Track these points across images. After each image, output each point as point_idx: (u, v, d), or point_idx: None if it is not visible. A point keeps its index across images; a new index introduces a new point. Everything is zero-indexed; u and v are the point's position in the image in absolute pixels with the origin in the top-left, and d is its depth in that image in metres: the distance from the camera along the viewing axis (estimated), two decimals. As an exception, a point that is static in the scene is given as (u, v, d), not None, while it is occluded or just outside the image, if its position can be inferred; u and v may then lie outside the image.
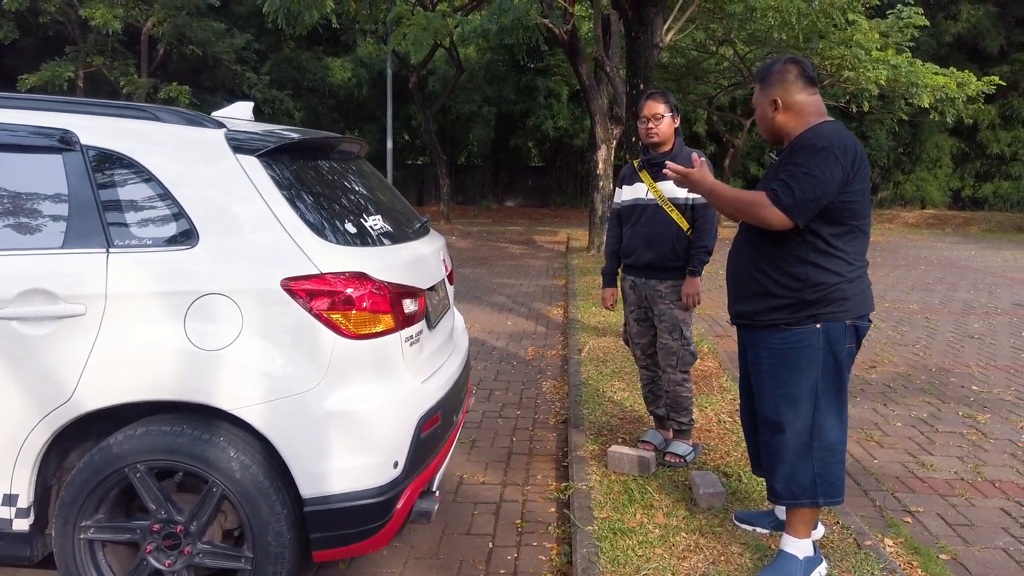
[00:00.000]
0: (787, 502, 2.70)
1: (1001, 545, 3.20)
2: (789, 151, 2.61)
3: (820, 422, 2.64)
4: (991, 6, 22.37)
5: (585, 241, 14.50)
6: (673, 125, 3.73)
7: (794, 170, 2.52)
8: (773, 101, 2.68)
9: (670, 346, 3.73)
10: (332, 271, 2.39)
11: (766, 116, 2.73)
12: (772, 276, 2.65)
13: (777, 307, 2.65)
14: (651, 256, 3.71)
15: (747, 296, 2.75)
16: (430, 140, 21.33)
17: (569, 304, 8.49)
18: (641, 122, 3.75)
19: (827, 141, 2.53)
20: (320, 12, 10.40)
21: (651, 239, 3.71)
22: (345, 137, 3.06)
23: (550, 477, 3.92)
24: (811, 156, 2.51)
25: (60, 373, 2.33)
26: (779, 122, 2.69)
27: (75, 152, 2.44)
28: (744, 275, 2.76)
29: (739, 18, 13.33)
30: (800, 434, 2.64)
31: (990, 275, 11.93)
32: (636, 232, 3.78)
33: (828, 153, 2.50)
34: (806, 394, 2.63)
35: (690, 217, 3.68)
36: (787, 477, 2.67)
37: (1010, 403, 5.17)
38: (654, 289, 3.74)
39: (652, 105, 3.70)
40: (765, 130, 2.78)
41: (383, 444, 2.43)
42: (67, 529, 2.39)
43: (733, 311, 2.86)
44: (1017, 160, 23.71)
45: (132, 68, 20.11)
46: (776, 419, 2.68)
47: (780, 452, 2.68)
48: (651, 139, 3.72)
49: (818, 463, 2.64)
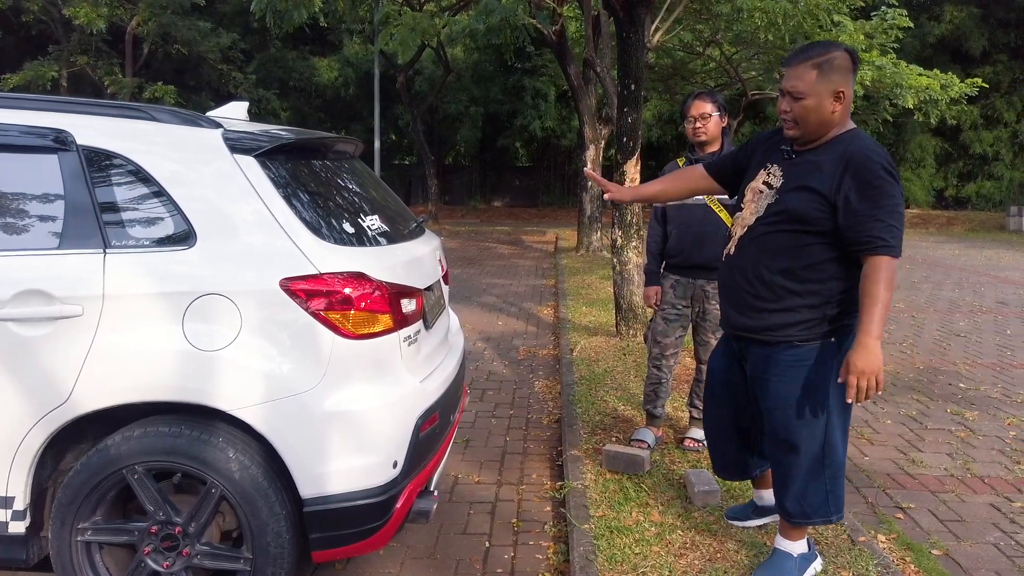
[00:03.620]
0: (799, 521, 2.63)
1: (992, 540, 3.24)
2: (853, 169, 2.37)
3: (832, 439, 2.54)
4: (974, 7, 22.60)
5: (573, 241, 14.52)
6: (721, 124, 3.77)
7: (887, 205, 2.33)
8: (838, 92, 2.41)
9: (712, 344, 3.80)
10: (331, 271, 2.38)
11: (823, 109, 2.42)
12: (793, 291, 2.48)
13: (794, 323, 2.49)
14: (701, 256, 3.77)
15: (758, 310, 2.55)
16: (418, 140, 21.31)
17: (560, 304, 8.51)
18: (688, 122, 3.79)
19: (889, 160, 2.38)
20: (308, 11, 10.33)
21: (700, 239, 3.76)
22: (340, 137, 3.06)
23: (545, 476, 3.93)
24: (891, 183, 2.35)
25: (57, 374, 2.31)
26: (836, 118, 2.44)
27: (71, 152, 2.42)
28: (758, 288, 2.54)
29: (726, 19, 13.38)
30: (814, 453, 2.54)
31: (974, 274, 12.06)
32: (684, 233, 3.83)
33: (897, 174, 2.37)
34: (820, 412, 2.51)
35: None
36: (799, 496, 2.59)
37: (997, 400, 5.23)
38: (702, 289, 3.82)
39: (700, 105, 3.74)
40: (814, 123, 2.45)
41: (382, 444, 2.43)
42: (64, 531, 2.38)
43: (736, 324, 2.66)
44: (999, 160, 23.98)
45: (117, 67, 19.96)
46: (788, 439, 2.56)
47: (793, 471, 2.58)
48: (699, 138, 3.76)
49: (830, 480, 2.57)
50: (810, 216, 2.44)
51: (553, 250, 15.07)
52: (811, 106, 2.43)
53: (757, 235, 2.56)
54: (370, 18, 18.16)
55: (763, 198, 2.58)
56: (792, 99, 2.47)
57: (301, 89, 24.00)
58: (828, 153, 2.45)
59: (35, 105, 2.49)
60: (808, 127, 2.47)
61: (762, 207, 2.57)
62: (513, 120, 24.28)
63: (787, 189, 2.51)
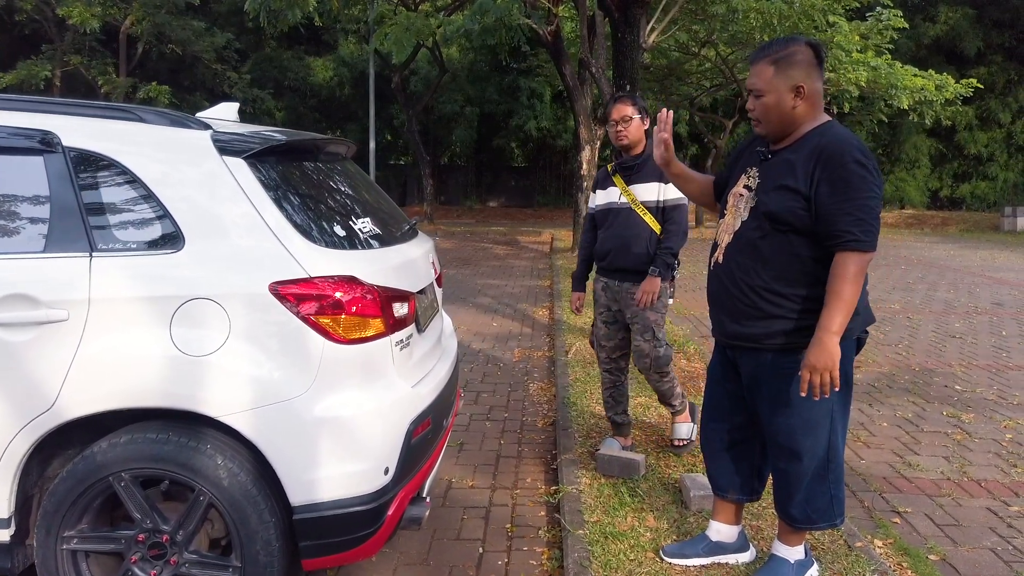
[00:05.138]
0: (803, 526, 2.60)
1: (989, 545, 3.22)
2: (823, 161, 2.32)
3: (835, 443, 2.51)
4: (969, 8, 22.67)
5: (569, 242, 14.50)
6: (643, 127, 3.71)
7: (856, 198, 2.28)
8: (796, 88, 2.38)
9: (643, 348, 3.71)
10: (321, 275, 2.34)
11: (783, 105, 2.40)
12: (786, 296, 2.43)
13: (789, 329, 2.44)
14: (624, 259, 3.71)
15: (751, 317, 2.50)
16: (413, 140, 21.28)
17: (555, 305, 8.48)
18: (610, 125, 3.73)
19: (863, 151, 2.32)
20: (303, 10, 10.31)
21: (624, 242, 3.70)
22: (332, 138, 3.02)
23: (539, 480, 3.90)
24: (863, 175, 2.29)
25: (42, 380, 2.27)
26: (799, 113, 2.41)
27: (57, 154, 2.38)
28: (751, 295, 2.48)
29: (721, 19, 13.40)
30: (818, 458, 2.50)
31: (969, 274, 12.06)
32: (609, 235, 3.78)
33: (872, 164, 2.30)
34: (823, 418, 2.47)
35: (661, 219, 3.67)
36: (804, 502, 2.55)
37: (993, 402, 5.21)
38: (627, 292, 3.72)
39: (621, 108, 3.68)
40: (775, 121, 2.43)
41: (373, 450, 2.40)
42: (49, 540, 2.34)
43: (728, 332, 2.60)
44: (993, 161, 24.07)
45: (110, 67, 19.89)
46: (791, 446, 2.51)
47: (797, 478, 2.54)
48: (621, 142, 3.70)
49: (833, 484, 2.54)
50: (789, 215, 2.39)
51: (548, 251, 15.05)
52: (770, 103, 2.42)
53: (744, 240, 2.52)
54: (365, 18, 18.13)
55: (744, 201, 2.54)
56: (754, 97, 2.47)
57: (296, 89, 23.97)
58: (802, 149, 2.41)
59: (20, 106, 2.45)
60: (771, 124, 2.46)
61: (746, 211, 2.53)
62: (509, 120, 24.29)
63: (765, 190, 2.47)
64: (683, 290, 10.06)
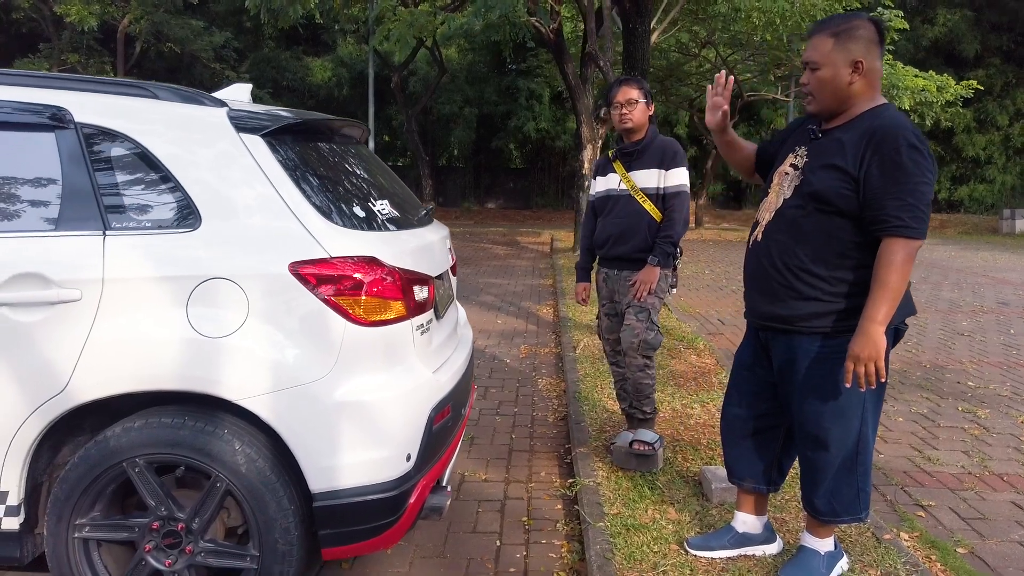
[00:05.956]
0: (828, 519, 2.53)
1: (1017, 538, 3.16)
2: (876, 143, 2.25)
3: (865, 435, 2.44)
4: (967, 11, 22.71)
5: (570, 242, 14.45)
6: (647, 112, 3.62)
7: (908, 183, 2.21)
8: (856, 63, 2.30)
9: (634, 326, 3.50)
10: (342, 255, 2.28)
11: (839, 80, 2.33)
12: (824, 278, 2.36)
13: (824, 312, 2.38)
14: (623, 247, 3.61)
15: (785, 298, 2.43)
16: (412, 141, 21.20)
17: (558, 303, 8.41)
18: (615, 108, 3.62)
19: (917, 135, 2.24)
20: (304, 7, 10.24)
21: (623, 230, 3.61)
22: (347, 120, 2.95)
23: (554, 474, 3.82)
24: (917, 161, 2.21)
25: (54, 362, 2.19)
26: (855, 90, 2.33)
27: (69, 130, 2.31)
28: (786, 275, 2.42)
29: (723, 19, 13.39)
30: (847, 449, 2.44)
31: (971, 275, 12.04)
32: (608, 223, 3.67)
33: (924, 148, 2.22)
34: (854, 407, 2.40)
35: (661, 207, 3.57)
36: (830, 493, 2.49)
37: (1007, 399, 5.16)
38: (626, 280, 3.61)
39: (626, 91, 3.58)
40: (829, 96, 2.37)
41: (396, 436, 2.32)
42: (60, 528, 2.26)
43: (763, 313, 2.53)
44: (992, 163, 24.10)
45: (108, 66, 19.80)
46: (819, 434, 2.45)
47: (824, 468, 2.48)
48: (624, 124, 3.60)
49: (861, 478, 2.48)
50: (835, 195, 2.32)
51: (549, 251, 14.99)
52: (826, 77, 2.35)
53: (785, 219, 2.45)
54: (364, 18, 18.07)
55: (789, 180, 2.47)
56: (810, 71, 2.40)
57: (294, 89, 23.89)
58: (854, 130, 2.34)
59: (31, 82, 2.37)
60: (824, 100, 2.39)
61: (789, 189, 2.46)
62: (507, 121, 24.24)
63: (812, 168, 2.40)
64: (685, 288, 10.00)
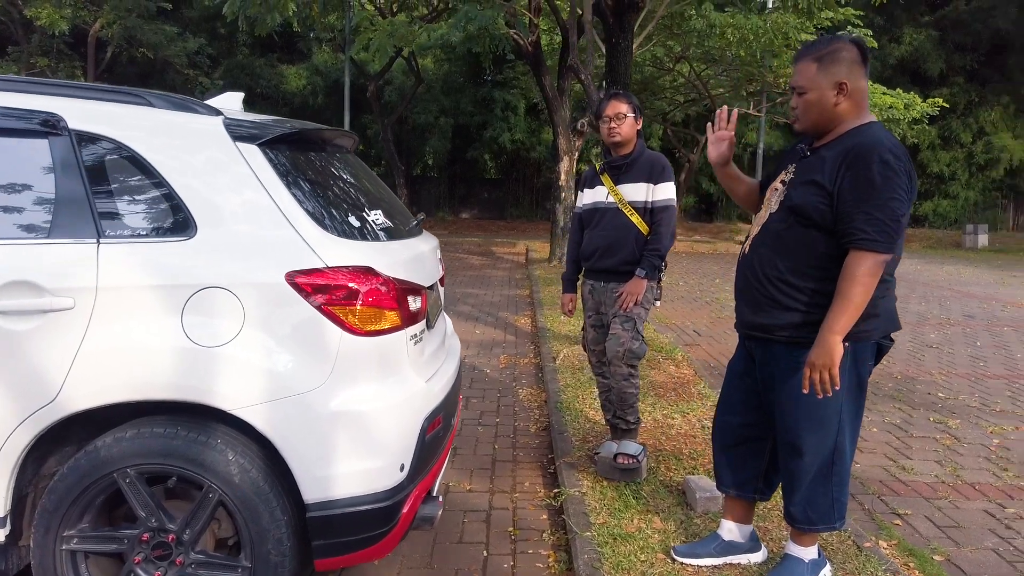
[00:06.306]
0: (803, 527, 2.59)
1: (991, 546, 3.24)
2: (851, 160, 2.33)
3: (842, 446, 2.50)
4: (932, 31, 23.28)
5: (545, 252, 14.50)
6: (636, 126, 3.67)
7: (876, 198, 2.27)
8: (839, 84, 2.38)
9: (620, 335, 3.54)
10: (338, 265, 2.28)
11: (825, 101, 2.41)
12: (802, 289, 2.43)
13: (802, 323, 2.44)
14: (610, 260, 3.65)
15: (768, 308, 2.51)
16: (387, 150, 21.15)
17: (536, 313, 8.45)
18: (604, 122, 3.68)
19: (894, 152, 2.31)
20: (282, 15, 10.21)
21: (611, 242, 3.65)
22: (340, 130, 2.97)
23: (538, 484, 3.84)
24: (888, 176, 2.27)
25: (45, 371, 2.17)
26: (841, 110, 2.41)
27: (62, 137, 2.29)
28: (767, 285, 2.50)
29: (698, 35, 13.59)
30: (822, 458, 2.50)
31: (938, 288, 12.31)
32: (596, 235, 3.72)
33: (899, 165, 2.29)
34: (831, 417, 2.46)
35: (649, 220, 3.63)
36: (805, 501, 2.55)
37: (976, 409, 5.29)
38: (613, 292, 3.66)
39: (616, 105, 3.64)
40: (815, 116, 2.44)
41: (390, 446, 2.33)
42: (48, 540, 2.23)
43: (747, 322, 2.62)
44: (955, 180, 24.66)
45: (79, 71, 19.52)
46: (796, 443, 2.51)
47: (799, 476, 2.54)
48: (613, 138, 3.65)
49: (836, 487, 2.53)
50: (813, 209, 2.39)
51: (524, 261, 15.04)
52: (812, 99, 2.44)
53: (770, 232, 2.54)
54: (340, 26, 18.04)
55: (776, 196, 2.56)
56: (797, 95, 2.49)
57: (268, 96, 23.72)
58: (837, 147, 2.41)
59: (24, 87, 2.36)
60: (810, 121, 2.48)
61: (775, 204, 2.54)
62: (482, 132, 24.28)
63: (795, 184, 2.48)
64: (663, 299, 10.09)
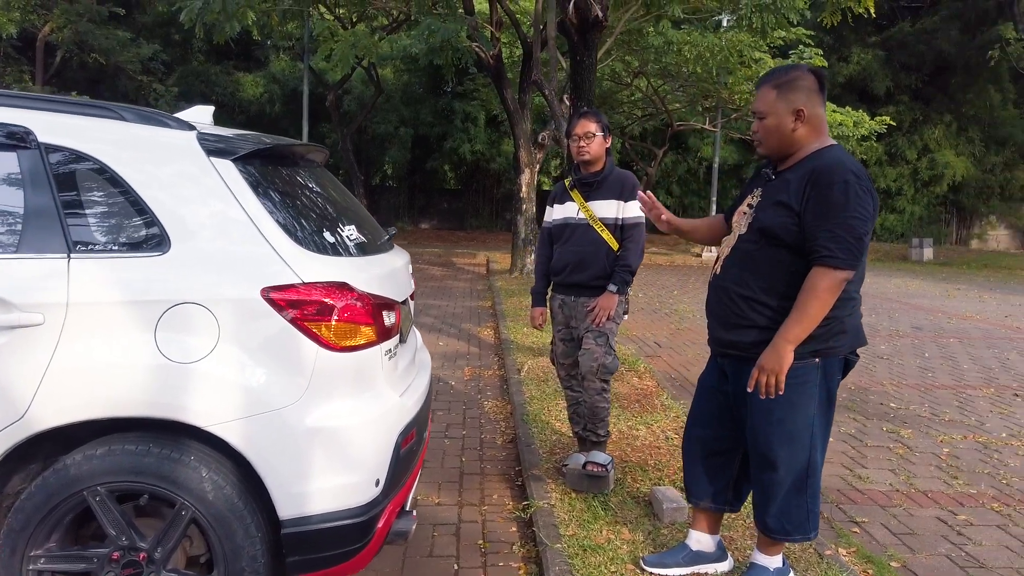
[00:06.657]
0: (779, 537, 2.67)
1: (944, 552, 3.36)
2: (815, 179, 2.42)
3: (814, 459, 2.59)
4: (879, 51, 24.05)
5: (506, 264, 14.55)
6: (604, 145, 3.75)
7: (838, 216, 2.36)
8: (797, 111, 2.49)
9: (593, 350, 3.61)
10: (314, 280, 2.29)
11: (783, 127, 2.52)
12: (773, 308, 2.51)
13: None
14: (581, 275, 3.72)
15: (740, 327, 2.59)
16: (346, 159, 21.02)
17: (499, 325, 8.48)
18: (573, 140, 3.75)
19: (856, 173, 2.40)
20: (241, 23, 10.12)
21: (581, 258, 3.72)
22: (312, 145, 2.98)
23: (506, 497, 3.86)
24: (851, 195, 2.36)
25: (13, 388, 2.13)
26: (799, 135, 2.52)
27: (31, 150, 2.26)
28: (739, 304, 2.58)
29: (656, 51, 13.84)
30: (796, 471, 2.58)
31: (886, 301, 12.67)
32: (566, 250, 3.78)
33: (861, 185, 2.38)
34: (803, 431, 2.55)
35: (619, 237, 3.71)
36: (780, 513, 2.63)
37: (927, 419, 5.47)
38: (583, 307, 3.72)
39: (584, 124, 3.72)
40: (775, 141, 2.55)
41: (365, 461, 2.34)
42: (14, 560, 2.18)
43: (720, 340, 2.70)
44: (902, 195, 25.46)
45: (27, 75, 19.01)
46: (770, 456, 2.58)
47: (773, 489, 2.62)
48: (582, 157, 3.72)
49: (810, 499, 2.62)
50: (781, 229, 2.49)
51: (485, 272, 15.06)
52: (771, 125, 2.55)
53: (739, 253, 2.63)
54: (299, 35, 17.91)
55: (745, 219, 2.65)
56: (758, 120, 2.60)
57: (224, 104, 23.37)
58: (800, 169, 2.52)
59: (-9, 99, 2.32)
60: (771, 144, 2.60)
61: (744, 227, 2.63)
62: (442, 143, 24.30)
63: (763, 207, 2.58)
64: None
